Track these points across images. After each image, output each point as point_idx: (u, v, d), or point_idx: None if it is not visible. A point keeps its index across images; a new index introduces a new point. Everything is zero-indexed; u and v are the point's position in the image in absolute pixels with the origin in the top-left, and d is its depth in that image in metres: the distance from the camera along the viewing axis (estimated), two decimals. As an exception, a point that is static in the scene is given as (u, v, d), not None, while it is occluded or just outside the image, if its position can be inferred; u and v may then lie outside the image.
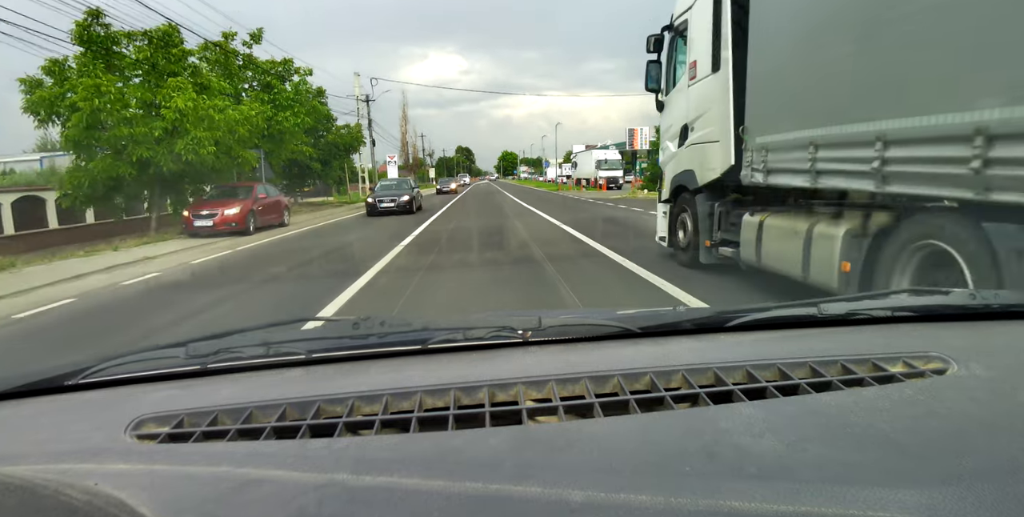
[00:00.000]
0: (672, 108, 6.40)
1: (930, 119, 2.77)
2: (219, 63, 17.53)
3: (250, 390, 0.90)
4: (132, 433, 0.76)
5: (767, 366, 0.88)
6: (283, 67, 20.75)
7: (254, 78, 20.10)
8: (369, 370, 0.96)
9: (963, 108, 2.59)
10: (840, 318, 1.11)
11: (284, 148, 19.80)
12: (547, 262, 7.11)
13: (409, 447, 0.66)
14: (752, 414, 0.70)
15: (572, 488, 0.55)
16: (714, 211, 5.53)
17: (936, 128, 2.74)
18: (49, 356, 4.15)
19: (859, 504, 0.51)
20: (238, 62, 18.60)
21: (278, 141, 19.25)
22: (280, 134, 19.05)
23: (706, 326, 1.10)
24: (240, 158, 15.37)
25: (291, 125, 19.10)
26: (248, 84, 20.05)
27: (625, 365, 0.89)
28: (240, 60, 18.76)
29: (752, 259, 4.69)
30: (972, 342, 0.98)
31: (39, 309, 5.82)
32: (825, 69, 3.65)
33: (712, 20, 5.12)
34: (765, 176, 4.47)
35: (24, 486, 0.60)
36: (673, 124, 6.32)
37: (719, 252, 5.44)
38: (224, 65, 17.75)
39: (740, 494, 0.53)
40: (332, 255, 9.57)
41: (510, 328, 1.04)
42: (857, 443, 0.62)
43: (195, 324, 4.88)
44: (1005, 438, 0.62)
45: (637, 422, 0.71)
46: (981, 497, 0.51)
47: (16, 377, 0.96)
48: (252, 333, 1.10)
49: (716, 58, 5.11)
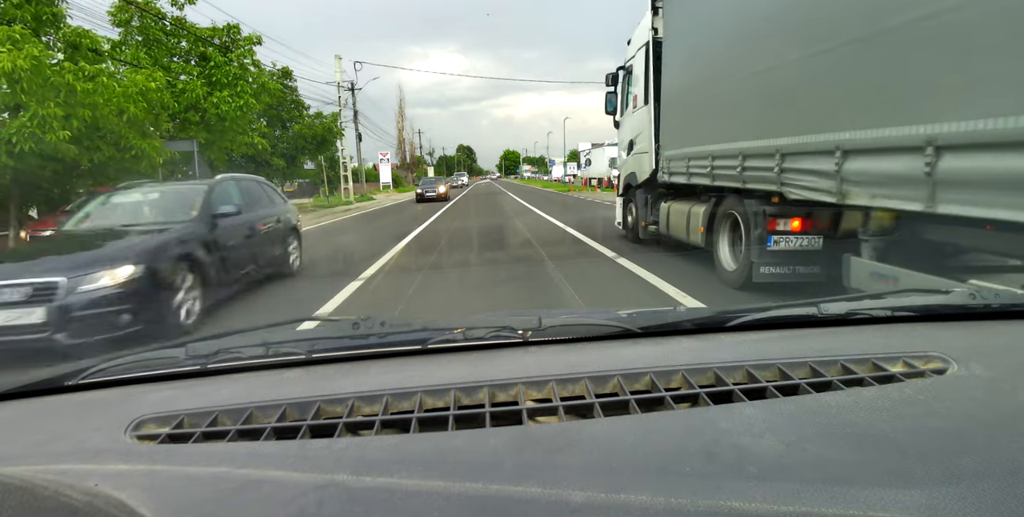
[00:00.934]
0: (623, 127, 8.73)
1: (732, 145, 5.10)
2: (132, 25, 13.51)
3: (250, 390, 0.90)
4: (132, 433, 0.76)
5: (767, 366, 0.88)
6: (227, 35, 15.23)
7: (191, 50, 14.98)
8: (369, 370, 0.96)
9: (734, 139, 5.07)
10: (840, 318, 1.11)
11: (224, 138, 14.77)
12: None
13: (409, 447, 0.66)
14: (752, 414, 0.70)
15: (572, 488, 0.55)
16: (647, 201, 7.79)
17: (731, 150, 5.12)
18: None
19: (859, 504, 0.51)
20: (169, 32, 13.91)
21: (217, 130, 14.40)
22: (219, 120, 14.10)
23: (706, 326, 1.10)
24: (136, 150, 10.28)
25: (232, 108, 13.88)
26: (181, 57, 15.05)
27: (625, 365, 0.89)
28: (170, 26, 14.16)
29: (665, 232, 7.10)
30: (972, 342, 0.98)
31: None
32: (692, 110, 6.13)
33: (644, 67, 7.25)
34: (668, 177, 6.82)
35: (24, 486, 0.60)
36: (624, 139, 8.71)
37: (650, 230, 7.72)
38: (142, 30, 13.63)
39: (740, 494, 0.53)
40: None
41: (510, 328, 1.04)
42: (857, 443, 0.62)
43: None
44: (1005, 438, 0.62)
45: (637, 422, 0.71)
46: (981, 497, 0.51)
47: (16, 377, 0.96)
48: (252, 333, 1.10)
49: (646, 95, 7.26)
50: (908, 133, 3.01)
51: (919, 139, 2.91)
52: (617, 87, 8.66)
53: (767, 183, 4.49)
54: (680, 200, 6.70)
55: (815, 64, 3.82)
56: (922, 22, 2.94)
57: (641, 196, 7.97)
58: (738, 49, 4.92)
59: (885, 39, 3.20)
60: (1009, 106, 2.47)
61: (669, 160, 6.69)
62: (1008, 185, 2.55)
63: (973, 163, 2.72)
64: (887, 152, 3.23)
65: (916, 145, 2.93)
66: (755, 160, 4.67)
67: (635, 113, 7.86)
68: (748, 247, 4.77)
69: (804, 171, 3.98)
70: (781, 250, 4.49)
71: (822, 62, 3.74)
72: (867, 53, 3.34)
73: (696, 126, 5.92)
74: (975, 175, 2.71)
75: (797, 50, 4.00)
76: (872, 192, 3.40)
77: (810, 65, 3.88)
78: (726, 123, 5.19)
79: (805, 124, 3.94)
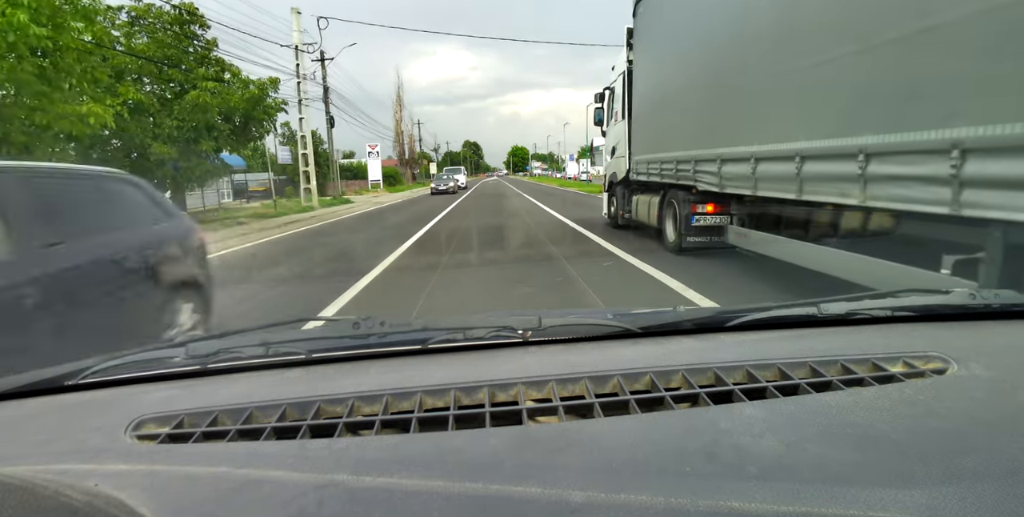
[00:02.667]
0: (609, 136, 10.99)
1: (671, 154, 7.16)
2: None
3: (250, 390, 0.90)
4: (132, 433, 0.76)
5: (767, 366, 0.88)
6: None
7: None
8: (369, 370, 0.96)
9: (672, 150, 7.13)
10: (840, 318, 1.11)
11: (18, 102, 8.44)
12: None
13: (409, 447, 0.66)
14: (752, 414, 0.70)
15: (572, 488, 0.55)
16: (624, 194, 9.98)
17: (670, 157, 7.20)
18: None
19: (859, 504, 0.51)
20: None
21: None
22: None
23: (706, 326, 1.10)
24: None
25: (30, 36, 7.26)
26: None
27: (625, 365, 0.89)
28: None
29: (635, 218, 9.26)
30: (972, 342, 0.98)
31: None
32: (650, 128, 8.22)
33: (622, 90, 9.31)
34: (637, 176, 8.95)
35: (24, 486, 0.60)
36: (608, 145, 11.07)
37: (625, 218, 9.98)
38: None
39: (740, 494, 0.53)
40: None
41: (510, 328, 1.04)
42: (857, 443, 0.62)
43: None
44: (1005, 438, 0.62)
45: (637, 422, 0.71)
46: (981, 497, 0.51)
47: (16, 377, 0.96)
48: (252, 333, 1.10)
49: (623, 112, 9.33)
50: (787, 148, 4.51)
51: (790, 152, 4.39)
52: (603, 103, 10.91)
53: (687, 179, 6.64)
54: (644, 193, 8.80)
55: (710, 105, 6.01)
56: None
57: (620, 191, 10.23)
58: (676, 89, 7.08)
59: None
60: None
61: (637, 163, 8.84)
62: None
63: (823, 167, 4.09)
64: (736, 161, 5.42)
65: (788, 155, 4.41)
66: (681, 164, 6.83)
67: (616, 125, 10.07)
68: (680, 224, 6.91)
69: (704, 172, 6.18)
70: (700, 225, 6.59)
71: (712, 105, 5.99)
72: (733, 98, 5.51)
73: (653, 139, 8.04)
74: (824, 174, 4.10)
75: (709, 94, 6.02)
76: (735, 184, 5.54)
77: (707, 106, 6.08)
78: (670, 139, 7.27)
79: (707, 141, 6.05)
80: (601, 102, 10.95)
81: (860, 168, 3.53)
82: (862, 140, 3.52)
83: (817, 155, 4.09)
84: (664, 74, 7.58)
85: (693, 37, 6.46)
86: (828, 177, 3.97)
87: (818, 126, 4.08)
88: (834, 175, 3.87)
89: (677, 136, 6.94)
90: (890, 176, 3.34)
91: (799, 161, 4.26)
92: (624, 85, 9.14)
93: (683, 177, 6.75)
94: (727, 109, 5.61)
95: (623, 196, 10.04)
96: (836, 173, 3.84)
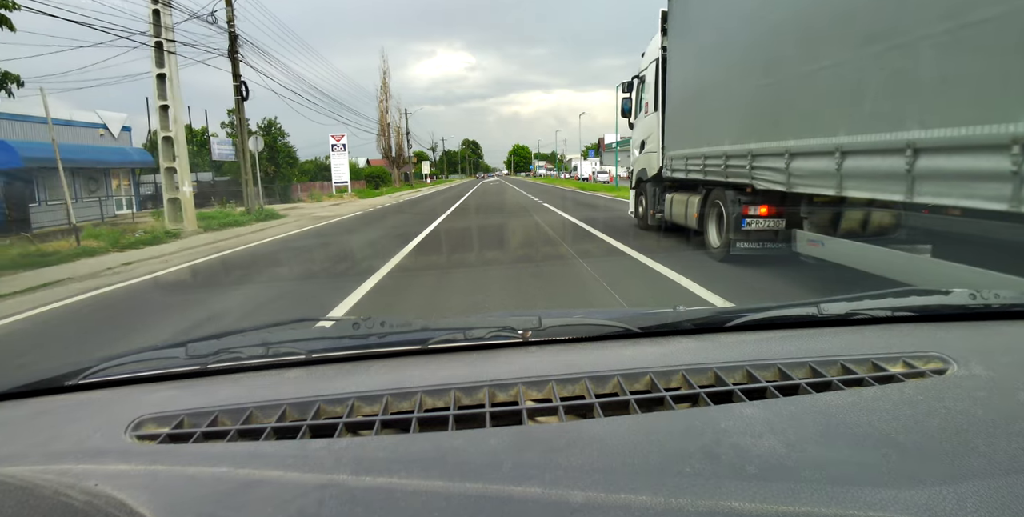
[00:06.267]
0: (637, 129, 10.00)
1: (719, 148, 6.29)
2: None
3: (250, 390, 0.90)
4: (132, 433, 0.76)
5: (767, 366, 0.88)
6: None
7: None
8: (369, 370, 0.96)
9: (720, 144, 6.26)
10: (840, 318, 1.11)
11: None
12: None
13: (409, 447, 0.66)
14: (752, 414, 0.70)
15: (572, 488, 0.55)
16: (655, 193, 9.17)
17: (717, 151, 6.32)
18: None
19: (859, 504, 0.51)
20: None
21: None
22: None
23: (706, 326, 1.10)
24: None
25: None
26: None
27: (625, 365, 0.89)
28: None
29: (668, 218, 8.56)
30: (972, 342, 0.98)
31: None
32: (689, 120, 7.37)
33: (655, 79, 8.47)
34: (671, 173, 8.10)
35: (24, 486, 0.60)
36: (636, 139, 10.03)
37: (656, 218, 9.16)
38: None
39: (740, 494, 0.53)
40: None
41: (510, 328, 1.04)
42: (857, 443, 0.62)
43: None
44: (1005, 438, 0.62)
45: (637, 422, 0.71)
46: (981, 497, 0.51)
47: (16, 377, 0.96)
48: (252, 333, 1.10)
49: (656, 103, 8.49)
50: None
51: (899, 143, 3.59)
52: (631, 94, 9.94)
53: (739, 177, 5.84)
54: (680, 192, 8.06)
55: (772, 92, 5.26)
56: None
57: (650, 189, 9.40)
58: (722, 77, 6.30)
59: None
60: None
61: (671, 159, 8.01)
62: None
63: (950, 162, 3.31)
64: (813, 155, 4.61)
65: (897, 147, 3.61)
66: (732, 159, 6.01)
67: (646, 117, 9.19)
68: (727, 228, 6.11)
69: (765, 168, 5.34)
70: (752, 229, 5.81)
71: (774, 92, 5.23)
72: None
73: (693, 132, 7.23)
74: (951, 171, 3.32)
75: (765, 79, 5.34)
76: (809, 182, 4.80)
77: (768, 93, 5.32)
78: (714, 131, 6.50)
79: (768, 134, 5.28)
80: (629, 92, 9.96)
81: (1017, 164, 2.70)
82: (1012, 128, 2.74)
83: (941, 147, 3.20)
84: (709, 58, 6.61)
85: (748, 15, 5.58)
86: (957, 175, 3.14)
87: (944, 111, 3.19)
88: (966, 172, 3.06)
89: (726, 127, 6.12)
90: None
91: (911, 154, 3.37)
92: (657, 73, 8.26)
93: (734, 174, 5.89)
94: (799, 94, 4.68)
95: (654, 194, 9.18)
96: (969, 170, 3.03)
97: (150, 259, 9.35)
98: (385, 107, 49.70)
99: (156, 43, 12.91)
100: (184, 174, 13.57)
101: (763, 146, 5.28)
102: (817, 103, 4.46)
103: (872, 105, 3.77)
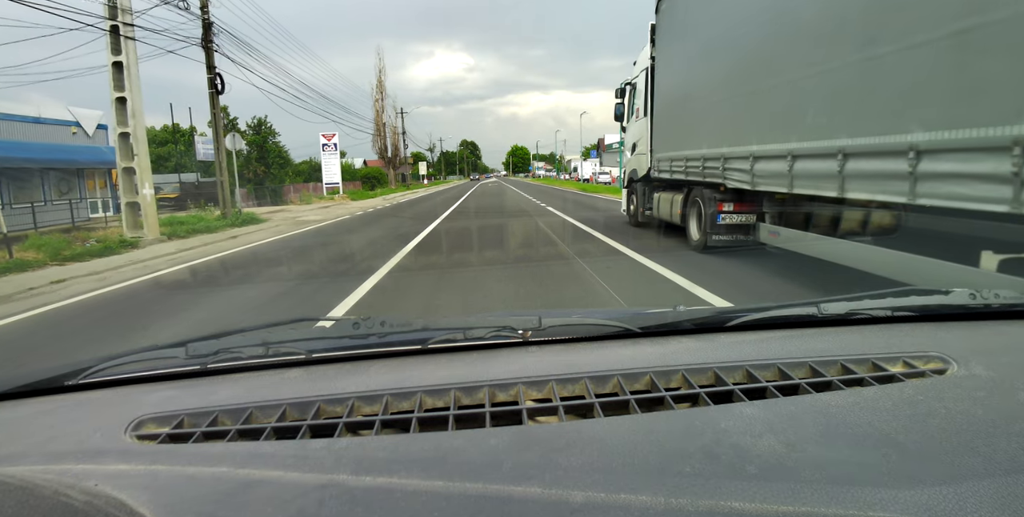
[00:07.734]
0: (629, 132, 10.88)
1: (697, 151, 7.09)
2: None
3: (250, 390, 0.90)
4: (132, 433, 0.76)
5: (767, 366, 0.88)
6: None
7: None
8: (369, 370, 0.96)
9: (698, 147, 7.04)
10: (840, 318, 1.11)
11: None
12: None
13: (409, 447, 0.66)
14: (752, 414, 0.70)
15: (572, 488, 0.55)
16: (645, 192, 9.95)
17: (696, 154, 7.11)
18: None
19: (859, 504, 0.50)
20: None
21: None
22: None
23: (706, 326, 1.10)
24: None
25: None
26: None
27: (625, 365, 0.89)
28: None
29: (656, 215, 9.31)
30: (972, 342, 0.98)
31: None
32: (674, 125, 8.14)
33: (644, 86, 9.25)
34: (658, 173, 8.85)
35: (24, 486, 0.60)
36: (628, 142, 10.94)
37: (645, 215, 10.00)
38: None
39: (740, 494, 0.53)
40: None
41: (510, 328, 1.04)
42: (857, 443, 0.62)
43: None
44: (1005, 438, 0.62)
45: (637, 422, 0.71)
46: (981, 497, 0.51)
47: (16, 377, 0.96)
48: (252, 333, 1.10)
49: (645, 108, 9.26)
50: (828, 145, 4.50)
51: (832, 149, 4.36)
52: (624, 99, 10.71)
53: (714, 177, 6.57)
54: (666, 191, 8.79)
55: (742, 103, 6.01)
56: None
57: (640, 188, 10.18)
58: (701, 87, 7.09)
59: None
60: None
61: (658, 161, 8.79)
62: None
63: (869, 165, 4.06)
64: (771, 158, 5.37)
65: (830, 153, 4.38)
66: (708, 161, 6.77)
67: (637, 122, 9.95)
68: (705, 223, 6.87)
69: (734, 169, 6.12)
70: (726, 224, 6.57)
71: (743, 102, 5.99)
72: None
73: (677, 137, 8.02)
74: (870, 172, 4.05)
75: (740, 90, 6.03)
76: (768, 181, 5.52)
77: (738, 103, 6.07)
78: (695, 136, 7.28)
79: (738, 139, 6.05)
80: (622, 98, 10.75)
81: (911, 166, 3.50)
82: (913, 137, 3.50)
83: (863, 152, 4.03)
84: (689, 70, 7.48)
85: (722, 33, 6.37)
86: (874, 175, 3.92)
87: (863, 123, 4.00)
88: (881, 173, 3.83)
89: (704, 133, 6.88)
90: (944, 174, 3.29)
91: (842, 158, 4.20)
92: (647, 81, 9.05)
93: (710, 175, 6.66)
94: (760, 106, 5.54)
95: (643, 193, 9.97)
96: (884, 171, 3.80)
97: (89, 276, 7.67)
98: (381, 106, 47.55)
99: (111, 27, 11.37)
100: (144, 175, 11.90)
101: (733, 150, 6.11)
102: (774, 114, 5.29)
103: (816, 119, 4.63)
